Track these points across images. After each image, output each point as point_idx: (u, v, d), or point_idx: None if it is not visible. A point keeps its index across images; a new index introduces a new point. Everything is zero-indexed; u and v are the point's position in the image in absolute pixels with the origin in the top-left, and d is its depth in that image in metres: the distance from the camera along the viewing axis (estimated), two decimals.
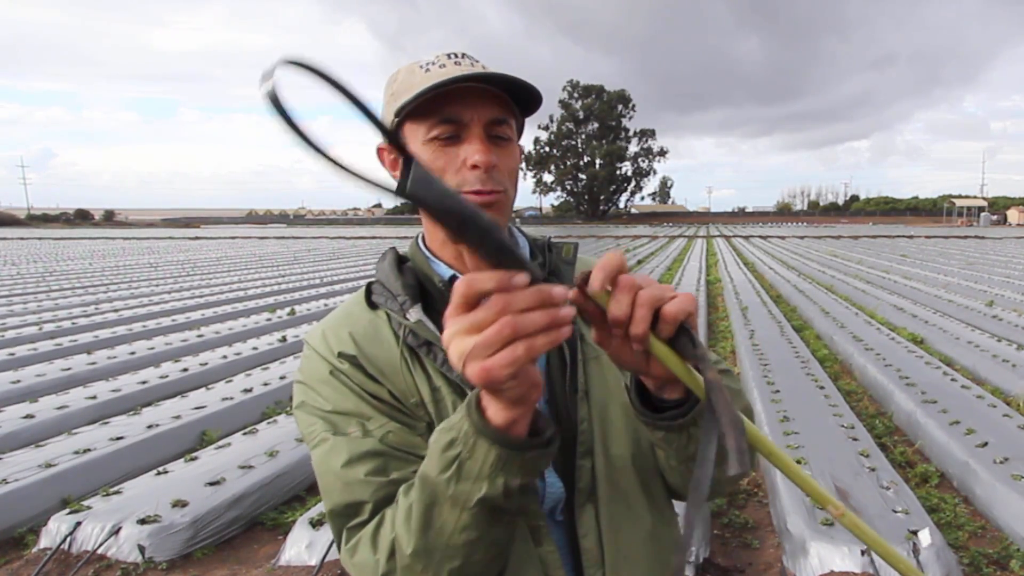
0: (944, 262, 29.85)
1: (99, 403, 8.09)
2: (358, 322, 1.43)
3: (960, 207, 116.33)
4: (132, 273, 26.03)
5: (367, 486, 1.26)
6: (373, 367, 1.37)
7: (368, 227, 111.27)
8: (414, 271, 1.47)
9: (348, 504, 1.28)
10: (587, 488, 1.39)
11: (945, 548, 4.69)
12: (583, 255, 1.62)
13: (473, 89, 1.30)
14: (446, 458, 1.10)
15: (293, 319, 14.46)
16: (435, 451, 1.12)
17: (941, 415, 7.33)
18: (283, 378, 9.11)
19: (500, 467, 1.07)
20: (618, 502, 1.41)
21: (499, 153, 1.34)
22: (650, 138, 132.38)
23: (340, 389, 1.36)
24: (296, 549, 5.05)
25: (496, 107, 1.33)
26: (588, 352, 1.47)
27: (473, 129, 1.32)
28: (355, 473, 1.27)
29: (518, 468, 1.07)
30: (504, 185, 1.35)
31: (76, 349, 11.35)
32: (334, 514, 1.31)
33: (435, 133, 1.32)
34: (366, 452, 1.28)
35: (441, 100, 1.30)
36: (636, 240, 52.08)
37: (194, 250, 44.10)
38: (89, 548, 4.99)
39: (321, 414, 1.35)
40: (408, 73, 1.36)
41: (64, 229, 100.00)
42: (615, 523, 1.40)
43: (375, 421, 1.32)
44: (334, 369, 1.38)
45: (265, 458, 6.29)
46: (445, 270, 1.45)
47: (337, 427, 1.33)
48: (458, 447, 1.08)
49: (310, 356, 1.43)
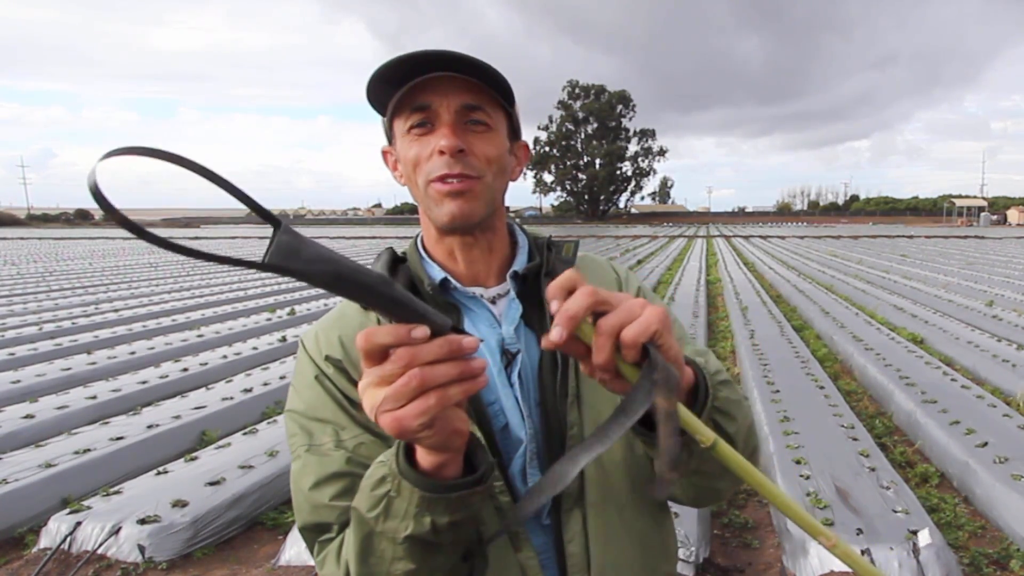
0: (944, 262, 29.85)
1: (99, 403, 8.09)
2: (349, 324, 1.43)
3: (960, 207, 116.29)
4: (132, 273, 26.04)
5: (331, 510, 1.29)
6: (357, 372, 1.36)
7: (368, 227, 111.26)
8: (408, 272, 1.47)
9: (315, 525, 1.31)
10: (575, 493, 1.38)
11: (945, 548, 4.69)
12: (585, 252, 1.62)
13: (443, 77, 1.29)
14: (375, 496, 1.11)
15: (293, 319, 14.46)
16: (367, 486, 1.13)
17: (941, 415, 7.33)
18: (283, 378, 9.11)
19: (425, 508, 1.07)
20: (608, 508, 1.40)
21: (473, 139, 1.33)
22: (650, 138, 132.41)
23: (321, 395, 1.37)
24: (296, 549, 5.05)
25: (467, 93, 1.32)
26: None
27: (443, 115, 1.31)
28: (321, 496, 1.30)
29: (444, 508, 1.07)
30: (478, 171, 1.34)
31: (76, 349, 11.35)
32: (304, 530, 1.34)
33: (410, 123, 1.33)
34: (333, 474, 1.30)
35: (415, 91, 1.30)
36: (636, 240, 52.09)
37: None
38: (89, 548, 4.99)
39: (301, 420, 1.37)
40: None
41: (64, 229, 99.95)
42: (603, 529, 1.39)
43: (349, 431, 1.33)
44: (320, 373, 1.39)
45: (265, 458, 6.29)
46: (437, 272, 1.45)
47: (312, 436, 1.35)
48: (387, 485, 1.09)
49: (302, 358, 1.45)
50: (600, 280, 1.60)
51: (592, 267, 1.63)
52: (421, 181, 1.35)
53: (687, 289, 18.71)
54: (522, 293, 1.47)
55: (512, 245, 1.54)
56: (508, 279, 1.47)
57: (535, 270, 1.48)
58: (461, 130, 1.32)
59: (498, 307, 1.46)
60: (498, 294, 1.47)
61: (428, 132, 1.33)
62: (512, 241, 1.54)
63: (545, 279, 1.46)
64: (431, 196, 1.35)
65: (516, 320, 1.44)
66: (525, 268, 1.48)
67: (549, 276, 1.46)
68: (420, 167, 1.34)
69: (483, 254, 1.46)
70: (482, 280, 1.47)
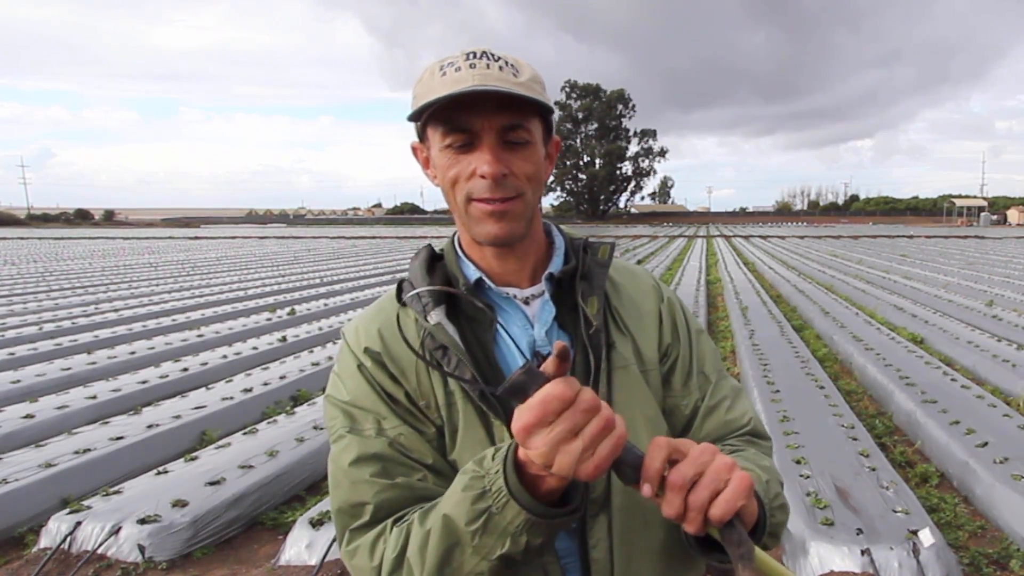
0: (944, 262, 29.84)
1: (99, 403, 8.09)
2: (389, 317, 1.45)
3: (960, 207, 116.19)
4: (132, 273, 26.02)
5: (370, 486, 1.30)
6: (395, 366, 1.40)
7: (368, 227, 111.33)
8: (445, 270, 1.49)
9: (352, 504, 1.32)
10: (601, 498, 1.39)
11: (945, 548, 4.70)
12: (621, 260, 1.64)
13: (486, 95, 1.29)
14: (475, 510, 1.13)
15: (293, 319, 14.46)
16: (465, 499, 1.15)
17: (941, 415, 7.33)
18: (283, 378, 9.12)
19: (526, 529, 1.10)
20: (633, 514, 1.40)
21: (513, 159, 1.34)
22: (651, 138, 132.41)
23: (362, 385, 1.40)
24: (296, 549, 5.04)
25: (509, 113, 1.32)
26: (615, 361, 1.46)
27: (484, 138, 1.32)
28: (361, 473, 1.31)
29: (543, 531, 1.11)
30: (519, 190, 1.35)
31: (76, 349, 11.34)
32: (340, 512, 1.34)
33: (449, 141, 1.33)
34: (374, 454, 1.32)
35: (455, 107, 1.30)
36: (636, 240, 52.08)
37: (194, 250, 44.08)
38: (89, 548, 4.99)
39: (343, 407, 1.40)
40: (429, 75, 1.36)
41: (64, 229, 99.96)
42: (628, 535, 1.40)
43: (390, 421, 1.36)
44: (360, 364, 1.41)
45: (265, 458, 6.29)
46: (473, 272, 1.46)
47: (354, 422, 1.37)
48: (488, 500, 1.11)
49: (343, 349, 1.48)
50: (637, 290, 1.61)
51: (628, 277, 1.63)
52: (460, 198, 1.37)
53: (687, 289, 18.68)
54: (556, 295, 1.48)
55: (548, 246, 1.54)
56: (543, 281, 1.48)
57: (571, 272, 1.49)
58: (501, 151, 1.33)
59: (531, 308, 1.47)
60: (532, 295, 1.48)
61: (468, 151, 1.33)
62: (548, 242, 1.55)
63: (580, 282, 1.47)
64: (472, 215, 1.37)
65: (549, 322, 1.45)
66: (561, 271, 1.49)
67: (584, 279, 1.48)
68: (459, 185, 1.35)
69: (518, 258, 1.47)
70: (516, 281, 1.48)
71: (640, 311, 1.56)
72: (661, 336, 1.56)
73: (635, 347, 1.51)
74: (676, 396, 1.54)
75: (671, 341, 1.57)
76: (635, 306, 1.56)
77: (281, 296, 18.40)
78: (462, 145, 1.33)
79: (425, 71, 1.38)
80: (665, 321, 1.59)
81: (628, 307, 1.55)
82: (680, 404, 1.54)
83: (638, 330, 1.53)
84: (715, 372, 1.61)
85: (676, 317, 1.61)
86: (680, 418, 1.54)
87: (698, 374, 1.57)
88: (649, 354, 1.52)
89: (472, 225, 1.38)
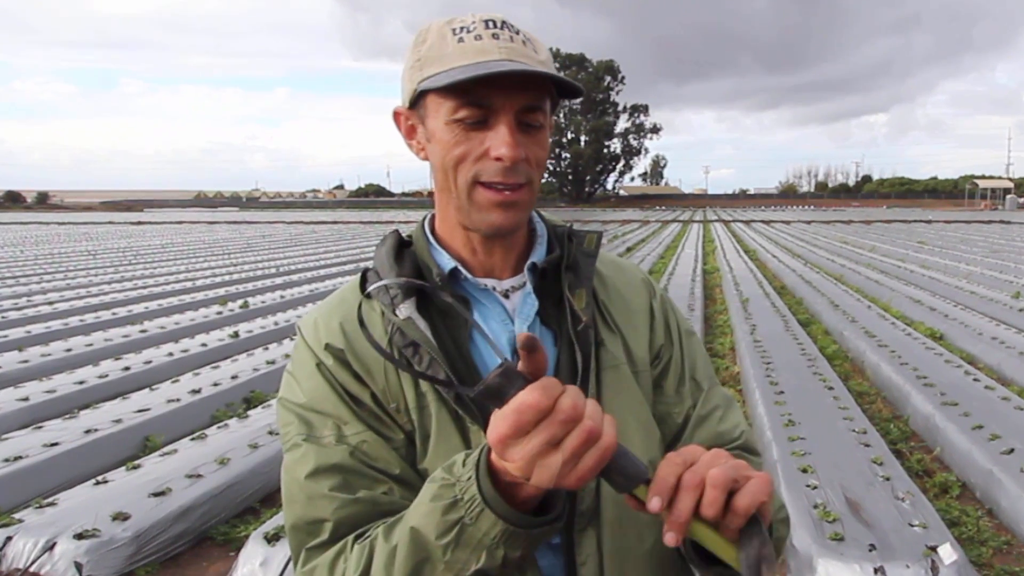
0: (966, 249, 30.08)
1: (31, 405, 8.05)
2: (351, 309, 1.40)
3: (984, 188, 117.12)
4: (68, 262, 25.89)
5: (330, 501, 1.27)
6: (359, 364, 1.36)
7: (329, 211, 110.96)
8: (414, 258, 1.46)
9: (309, 521, 1.29)
10: (590, 511, 1.37)
11: (967, 566, 4.72)
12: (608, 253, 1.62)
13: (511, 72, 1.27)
14: (446, 521, 1.11)
15: (246, 312, 14.45)
16: (434, 509, 1.13)
17: (962, 419, 7.36)
18: (235, 378, 9.10)
19: (503, 541, 1.08)
20: (625, 527, 1.38)
21: (528, 142, 1.32)
22: (642, 113, 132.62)
23: (322, 386, 1.36)
24: (249, 566, 5.02)
25: (531, 93, 1.31)
26: (605, 360, 1.45)
27: (502, 116, 1.29)
28: (319, 486, 1.28)
29: (522, 542, 1.09)
30: (529, 176, 1.34)
31: (6, 346, 11.23)
32: (295, 529, 1.31)
33: (461, 115, 1.30)
34: (333, 465, 1.29)
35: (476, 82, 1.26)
36: (625, 225, 52.26)
37: (137, 236, 43.91)
38: (21, 566, 4.96)
39: (298, 411, 1.36)
40: (439, 37, 1.33)
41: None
42: (620, 552, 1.38)
43: (351, 427, 1.33)
44: (319, 362, 1.38)
45: (215, 466, 6.26)
46: (447, 261, 1.44)
47: (312, 428, 1.34)
48: (460, 511, 1.09)
49: (299, 346, 1.44)
50: (626, 284, 1.60)
51: (616, 271, 1.62)
52: (463, 179, 1.33)
53: (682, 280, 18.76)
54: (540, 288, 1.46)
55: (529, 233, 1.52)
56: (526, 272, 1.46)
57: (555, 263, 1.47)
58: (518, 133, 1.31)
59: (511, 301, 1.45)
60: (512, 287, 1.46)
61: (480, 129, 1.30)
62: (529, 228, 1.53)
63: (566, 273, 1.46)
64: (475, 201, 1.34)
65: (531, 317, 1.44)
66: (544, 261, 1.47)
67: (570, 270, 1.46)
68: (465, 163, 1.32)
69: (506, 248, 1.45)
70: (496, 271, 1.46)
71: (629, 307, 1.55)
72: (653, 336, 1.55)
73: (625, 346, 1.49)
74: (668, 403, 1.53)
75: (664, 342, 1.56)
76: (624, 302, 1.55)
77: (233, 288, 18.35)
78: (476, 122, 1.30)
79: (431, 32, 1.35)
80: (657, 319, 1.58)
81: (617, 303, 1.54)
82: (672, 411, 1.53)
83: (628, 328, 1.52)
84: (707, 379, 1.60)
85: (668, 316, 1.61)
86: (671, 427, 1.52)
87: (690, 380, 1.56)
88: (640, 354, 1.51)
89: (472, 211, 1.35)
